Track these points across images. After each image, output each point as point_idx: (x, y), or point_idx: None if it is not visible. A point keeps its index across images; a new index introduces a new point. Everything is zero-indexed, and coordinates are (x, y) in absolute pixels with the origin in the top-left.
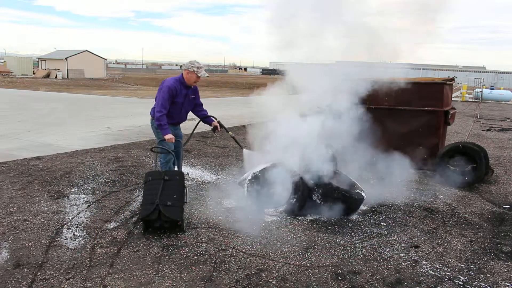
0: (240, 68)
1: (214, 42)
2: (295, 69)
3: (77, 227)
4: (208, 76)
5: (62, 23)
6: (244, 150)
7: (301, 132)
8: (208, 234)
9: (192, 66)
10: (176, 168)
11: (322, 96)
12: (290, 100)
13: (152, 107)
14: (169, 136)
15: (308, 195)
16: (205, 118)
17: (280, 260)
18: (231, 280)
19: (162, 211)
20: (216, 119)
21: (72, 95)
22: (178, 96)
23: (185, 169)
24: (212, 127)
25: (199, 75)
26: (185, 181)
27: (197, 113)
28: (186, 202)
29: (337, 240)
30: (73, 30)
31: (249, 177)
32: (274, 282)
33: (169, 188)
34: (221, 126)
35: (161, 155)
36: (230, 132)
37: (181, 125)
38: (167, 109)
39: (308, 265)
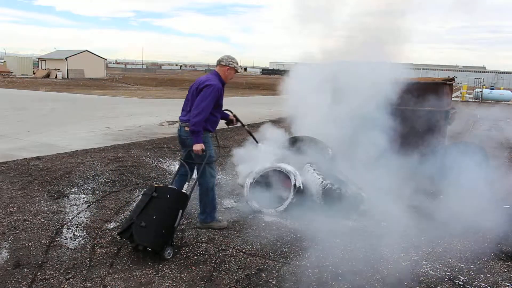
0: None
1: (214, 42)
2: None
3: (77, 227)
4: (239, 72)
5: (62, 23)
6: (260, 145)
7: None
8: (208, 234)
9: (233, 62)
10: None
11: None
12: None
13: (184, 111)
14: (199, 147)
15: (308, 195)
16: (226, 115)
17: (280, 260)
18: (231, 280)
19: (133, 232)
20: (232, 112)
21: (72, 95)
22: (221, 97)
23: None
24: (226, 121)
25: (239, 71)
26: (183, 203)
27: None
28: (174, 227)
29: (337, 240)
30: (73, 30)
31: (250, 177)
32: (274, 282)
33: (153, 206)
34: (237, 119)
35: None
36: (245, 127)
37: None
38: (208, 114)
39: (308, 265)
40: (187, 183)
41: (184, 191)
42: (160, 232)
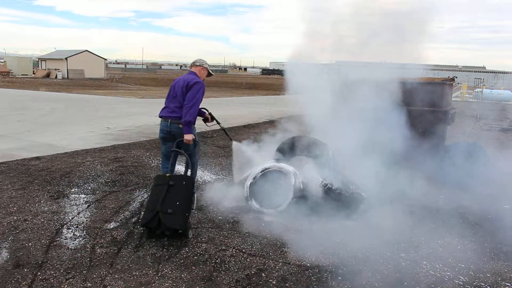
0: (240, 68)
1: (214, 42)
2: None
3: (77, 227)
4: (213, 75)
5: (62, 23)
6: (234, 142)
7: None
8: (208, 234)
9: (206, 63)
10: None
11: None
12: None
13: (172, 106)
14: (191, 137)
15: (308, 195)
16: (203, 113)
17: (280, 260)
18: (231, 280)
19: (162, 219)
20: (207, 110)
21: (72, 95)
22: None
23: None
24: (203, 118)
25: (211, 73)
26: (194, 187)
27: None
28: (192, 209)
29: (337, 240)
30: (73, 30)
31: (250, 177)
32: (274, 282)
33: (173, 194)
34: (212, 118)
35: (196, 155)
36: (221, 124)
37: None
38: (198, 107)
39: (308, 265)
40: (189, 169)
41: (192, 177)
42: (185, 215)
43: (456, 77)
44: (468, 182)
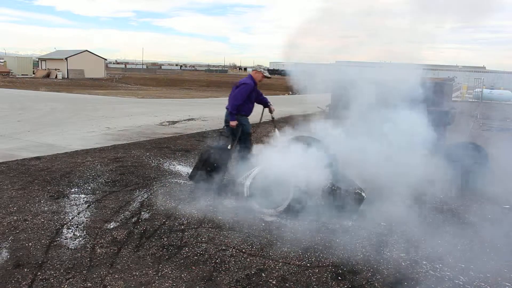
0: (240, 68)
1: (214, 42)
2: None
3: (77, 227)
4: (270, 77)
5: (62, 23)
6: (276, 131)
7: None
8: (208, 234)
9: (260, 67)
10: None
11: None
12: None
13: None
14: (234, 123)
15: (308, 195)
16: (267, 103)
17: (280, 260)
18: (231, 280)
19: (207, 175)
20: (270, 103)
21: (72, 95)
22: (253, 91)
23: (185, 169)
24: (270, 110)
25: (265, 74)
26: (231, 155)
27: (260, 101)
28: (227, 171)
29: (337, 240)
30: (73, 30)
31: (250, 177)
32: (274, 282)
33: (215, 158)
34: (270, 111)
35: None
36: (272, 114)
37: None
38: (240, 102)
39: (308, 265)
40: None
41: (228, 148)
42: (224, 174)
43: (456, 77)
44: (467, 182)
